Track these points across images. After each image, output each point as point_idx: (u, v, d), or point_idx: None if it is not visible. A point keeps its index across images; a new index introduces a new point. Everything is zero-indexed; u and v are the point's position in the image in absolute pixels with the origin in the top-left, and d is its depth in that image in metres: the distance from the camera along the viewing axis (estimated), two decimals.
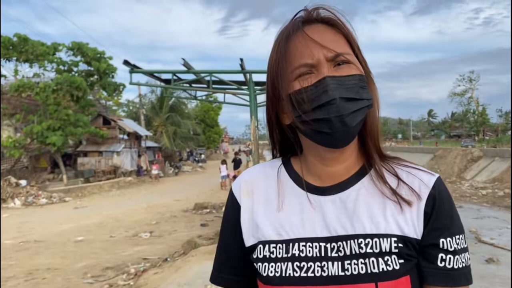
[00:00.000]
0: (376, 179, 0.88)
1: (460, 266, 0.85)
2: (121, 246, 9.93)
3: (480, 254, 8.14)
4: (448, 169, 31.52)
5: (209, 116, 56.00)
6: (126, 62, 9.78)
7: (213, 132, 57.62)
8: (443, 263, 0.84)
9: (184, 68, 9.90)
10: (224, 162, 23.16)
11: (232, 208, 0.97)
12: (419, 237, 0.84)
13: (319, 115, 0.79)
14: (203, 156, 52.52)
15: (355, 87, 0.80)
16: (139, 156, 33.31)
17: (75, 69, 26.36)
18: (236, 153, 27.29)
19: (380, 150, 0.91)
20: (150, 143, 36.96)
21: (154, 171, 29.64)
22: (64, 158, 26.25)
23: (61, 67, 25.68)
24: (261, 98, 10.52)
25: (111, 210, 15.97)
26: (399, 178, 0.87)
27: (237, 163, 23.08)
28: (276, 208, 0.90)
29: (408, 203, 0.84)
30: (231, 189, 1.00)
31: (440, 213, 0.85)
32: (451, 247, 0.84)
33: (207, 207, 14.91)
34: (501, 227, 12.20)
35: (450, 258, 0.84)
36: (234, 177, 22.34)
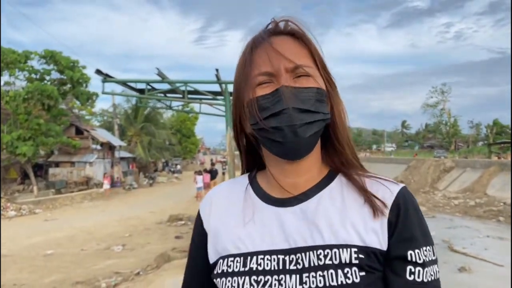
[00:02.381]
0: (338, 189, 0.86)
1: (430, 279, 0.80)
2: (93, 260, 9.66)
3: (453, 263, 8.25)
4: (422, 180, 32.09)
5: (185, 126, 55.65)
6: (98, 71, 9.59)
7: (190, 143, 57.25)
8: (412, 276, 0.79)
9: (158, 78, 9.77)
10: (199, 172, 22.94)
11: (197, 226, 0.97)
12: (384, 248, 0.80)
13: (272, 124, 0.79)
14: (178, 166, 52.01)
15: (311, 99, 0.80)
16: (113, 166, 32.74)
17: (47, 77, 25.83)
18: (212, 164, 27.19)
19: (350, 161, 0.89)
20: (124, 154, 36.39)
21: (106, 185, 25.87)
22: (35, 169, 25.59)
23: (33, 75, 25.13)
24: None
25: (83, 222, 15.58)
26: (362, 189, 0.85)
27: (213, 174, 22.96)
28: (237, 224, 0.89)
29: (371, 212, 0.82)
30: (199, 209, 1.00)
31: (406, 223, 0.81)
32: (419, 259, 0.80)
33: (182, 219, 14.70)
34: (473, 236, 12.44)
35: (419, 271, 0.80)
36: (208, 185, 22.21)
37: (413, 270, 0.79)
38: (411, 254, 0.80)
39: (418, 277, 0.79)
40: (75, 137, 28.75)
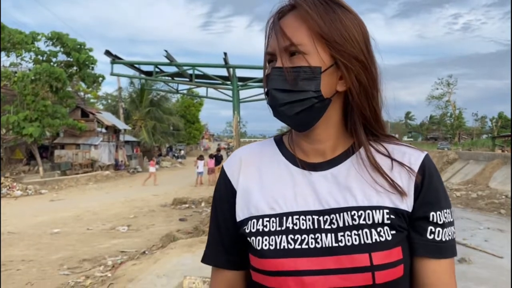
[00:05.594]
0: (366, 156, 0.91)
1: (447, 238, 0.88)
2: (98, 239, 9.82)
3: None
4: None
5: (190, 112, 55.68)
6: (107, 53, 9.64)
7: (194, 128, 57.32)
8: (432, 235, 0.88)
9: (166, 61, 9.81)
10: (201, 157, 22.91)
11: (224, 185, 0.99)
12: (410, 210, 0.87)
13: (268, 101, 0.89)
14: (182, 152, 52.23)
15: (296, 78, 0.83)
16: (117, 150, 32.92)
17: (54, 59, 25.85)
18: (218, 150, 27.30)
19: (374, 129, 0.94)
20: (129, 137, 36.53)
21: (152, 169, 24.00)
22: (40, 150, 25.76)
23: (39, 57, 25.16)
24: (244, 93, 10.51)
25: (88, 203, 15.76)
26: (389, 155, 0.91)
27: (218, 159, 23.06)
28: (269, 183, 0.93)
29: (399, 177, 0.89)
30: (223, 166, 1.02)
31: (430, 187, 0.88)
32: (440, 220, 0.88)
33: (186, 202, 14.85)
34: (474, 228, 12.52)
35: (439, 231, 0.88)
36: (213, 170, 22.26)
37: (433, 230, 0.88)
38: (433, 215, 0.88)
39: (438, 236, 0.88)
40: (80, 119, 28.84)
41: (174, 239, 7.73)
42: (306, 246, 0.84)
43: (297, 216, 0.87)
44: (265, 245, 0.86)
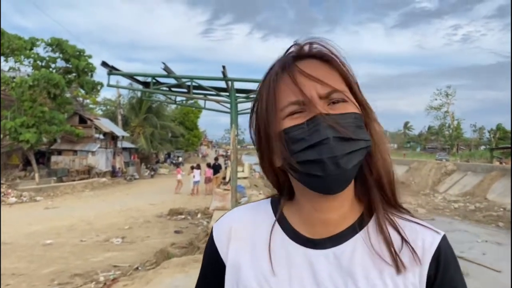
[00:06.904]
0: (376, 234, 0.78)
1: None
2: (92, 252, 9.68)
3: None
4: (423, 182, 32.06)
5: (189, 118, 55.68)
6: (104, 64, 9.55)
7: (192, 135, 57.28)
8: None
9: (164, 72, 9.74)
10: (198, 166, 22.72)
11: (212, 255, 0.87)
12: None
13: (311, 156, 0.70)
14: (180, 159, 52.07)
15: (351, 126, 0.72)
16: (115, 156, 32.79)
17: (53, 65, 25.83)
18: (216, 158, 27.12)
19: (388, 198, 0.81)
20: (127, 144, 36.41)
21: (179, 176, 23.70)
22: (37, 156, 25.64)
23: (38, 62, 25.13)
24: (242, 106, 10.45)
25: (83, 212, 15.60)
26: (400, 234, 0.78)
27: (216, 169, 22.92)
28: (263, 263, 0.80)
29: (408, 265, 0.76)
30: (211, 232, 0.89)
31: (445, 278, 0.76)
32: None
33: (182, 213, 14.70)
34: (472, 241, 12.47)
35: None
36: (210, 179, 22.06)
37: None
38: None
39: None
40: (78, 125, 28.77)
41: (168, 256, 7.61)
42: None
43: None
44: None
